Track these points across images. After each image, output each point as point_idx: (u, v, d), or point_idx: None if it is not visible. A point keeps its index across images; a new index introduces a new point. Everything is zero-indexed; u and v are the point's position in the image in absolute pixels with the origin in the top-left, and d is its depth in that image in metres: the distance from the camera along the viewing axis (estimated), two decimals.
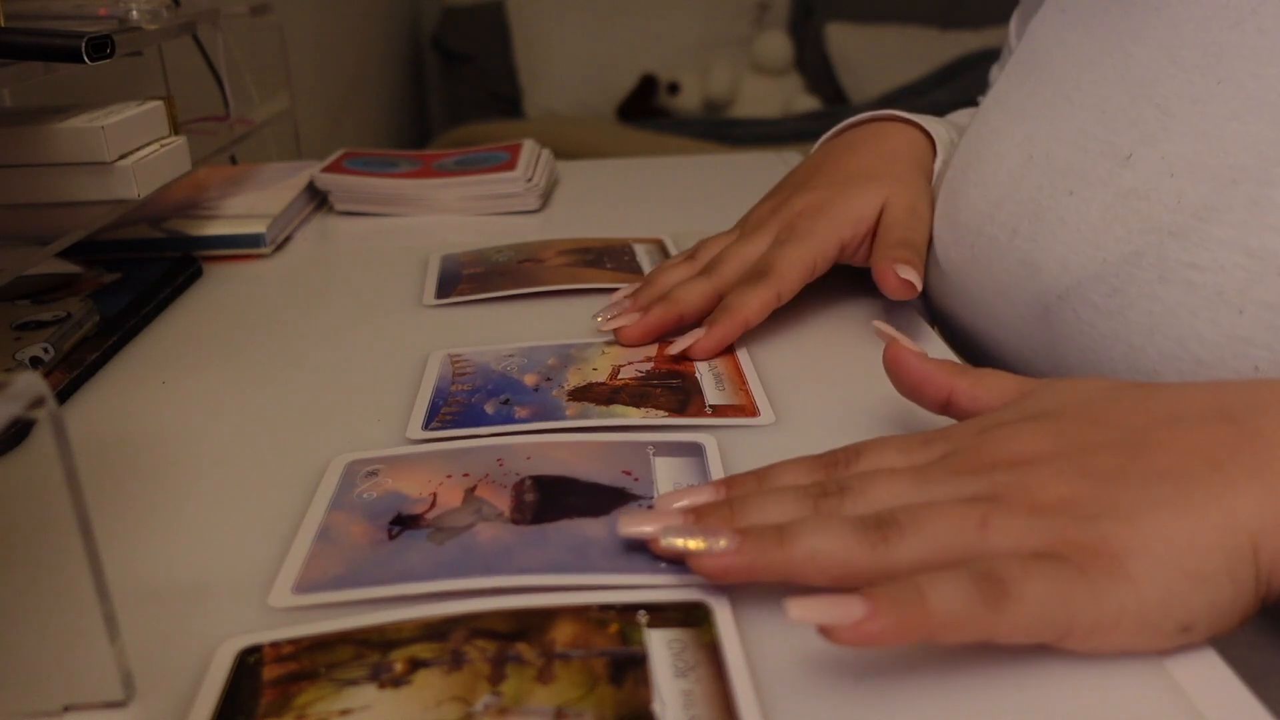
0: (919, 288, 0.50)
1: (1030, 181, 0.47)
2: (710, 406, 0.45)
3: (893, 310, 0.56)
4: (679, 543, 0.31)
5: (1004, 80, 0.54)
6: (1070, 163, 0.45)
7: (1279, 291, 0.37)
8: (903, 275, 0.49)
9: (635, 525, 0.33)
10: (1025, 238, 0.46)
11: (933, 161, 0.59)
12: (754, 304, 0.50)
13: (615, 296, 0.55)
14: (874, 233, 0.54)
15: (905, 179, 0.56)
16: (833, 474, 0.35)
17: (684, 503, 0.35)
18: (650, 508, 0.37)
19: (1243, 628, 0.29)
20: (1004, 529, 0.29)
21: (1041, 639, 0.28)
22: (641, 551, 0.34)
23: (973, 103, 0.73)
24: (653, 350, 0.51)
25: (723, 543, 0.31)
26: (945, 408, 0.38)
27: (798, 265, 0.52)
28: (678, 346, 0.49)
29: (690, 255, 0.57)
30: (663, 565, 0.33)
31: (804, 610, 0.27)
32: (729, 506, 0.33)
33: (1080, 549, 0.29)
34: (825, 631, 0.27)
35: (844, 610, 0.27)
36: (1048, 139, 0.47)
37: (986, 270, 0.49)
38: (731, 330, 0.50)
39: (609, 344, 0.51)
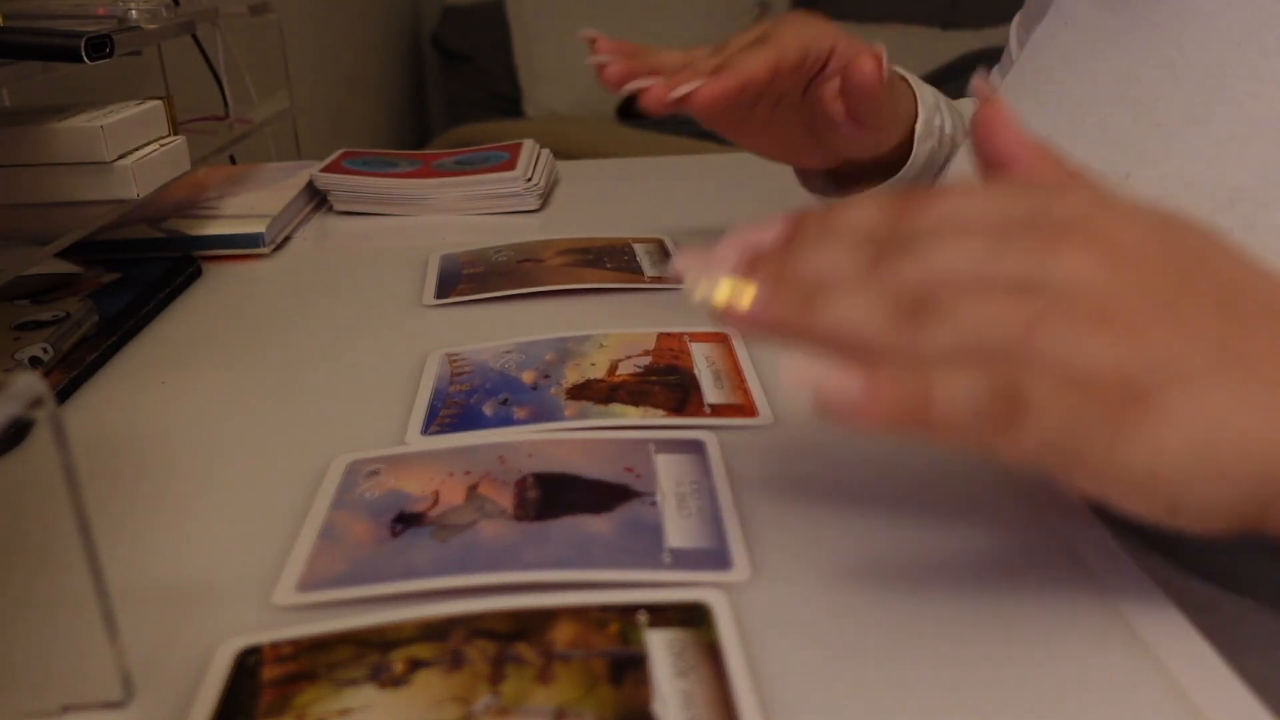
0: (883, 70, 0.50)
1: None
2: (709, 405, 0.45)
3: None
4: (703, 292, 0.29)
5: (1005, 91, 0.54)
6: None
7: None
8: (876, 49, 0.49)
9: (688, 261, 0.31)
10: None
11: (913, 122, 0.59)
12: (754, 61, 0.52)
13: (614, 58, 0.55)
14: (846, 60, 0.55)
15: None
16: (906, 217, 0.30)
17: (748, 236, 0.32)
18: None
19: (1222, 539, 0.28)
20: (1055, 337, 0.26)
21: (1036, 465, 0.27)
22: (645, 548, 0.34)
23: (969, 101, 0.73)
24: (651, 344, 0.51)
25: (750, 294, 0.29)
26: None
27: (795, 39, 0.54)
28: (678, 91, 0.50)
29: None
30: (666, 560, 0.33)
31: (801, 371, 0.26)
32: (784, 256, 0.30)
33: (1124, 389, 0.26)
34: (818, 405, 0.25)
35: (839, 381, 0.25)
36: None
37: None
38: (733, 83, 0.51)
39: (606, 338, 0.51)
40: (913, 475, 0.39)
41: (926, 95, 0.60)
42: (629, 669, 0.29)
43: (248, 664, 0.30)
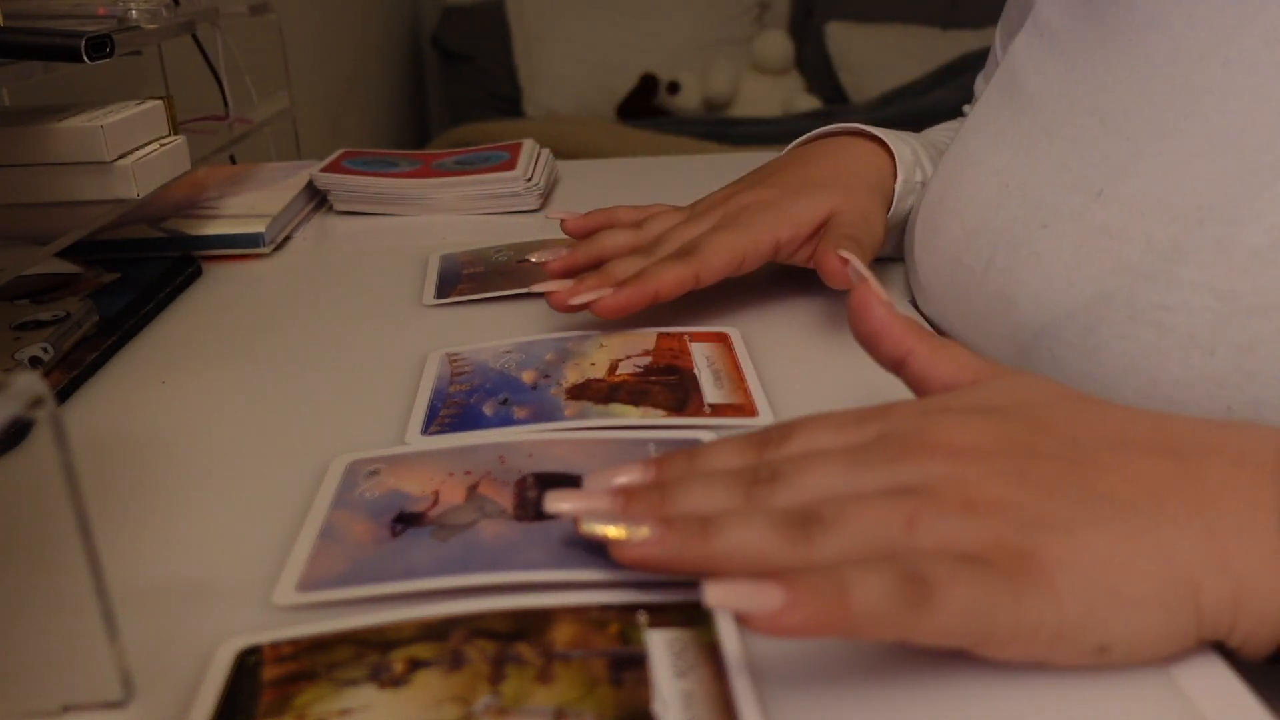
0: (860, 273, 0.49)
1: (1006, 212, 0.47)
2: (709, 405, 0.45)
3: None
4: (599, 529, 0.30)
5: (983, 103, 0.53)
6: (1044, 195, 0.45)
7: (1249, 333, 0.36)
8: (842, 253, 0.48)
9: (560, 503, 0.32)
10: (1000, 270, 0.46)
11: (892, 184, 0.58)
12: (669, 278, 0.50)
13: (554, 251, 0.56)
14: (814, 236, 0.54)
15: (859, 193, 0.56)
16: (765, 455, 0.33)
17: (615, 481, 0.34)
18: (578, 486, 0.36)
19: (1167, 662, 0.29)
20: (932, 528, 0.29)
21: (959, 643, 0.28)
22: None
23: (964, 109, 0.73)
24: (651, 344, 0.51)
25: (644, 532, 0.30)
26: (898, 368, 0.36)
27: (724, 252, 0.52)
28: (580, 299, 0.50)
29: (638, 224, 0.57)
30: None
31: (722, 595, 0.26)
32: (659, 491, 0.32)
33: (1009, 555, 0.28)
34: (742, 620, 0.26)
35: (762, 598, 0.26)
36: (1023, 169, 0.47)
37: (965, 300, 0.49)
38: (638, 297, 0.50)
39: (607, 338, 0.51)
40: None
41: (904, 154, 0.59)
42: (629, 669, 0.29)
43: (248, 664, 0.30)
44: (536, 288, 0.53)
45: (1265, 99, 0.39)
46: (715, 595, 0.26)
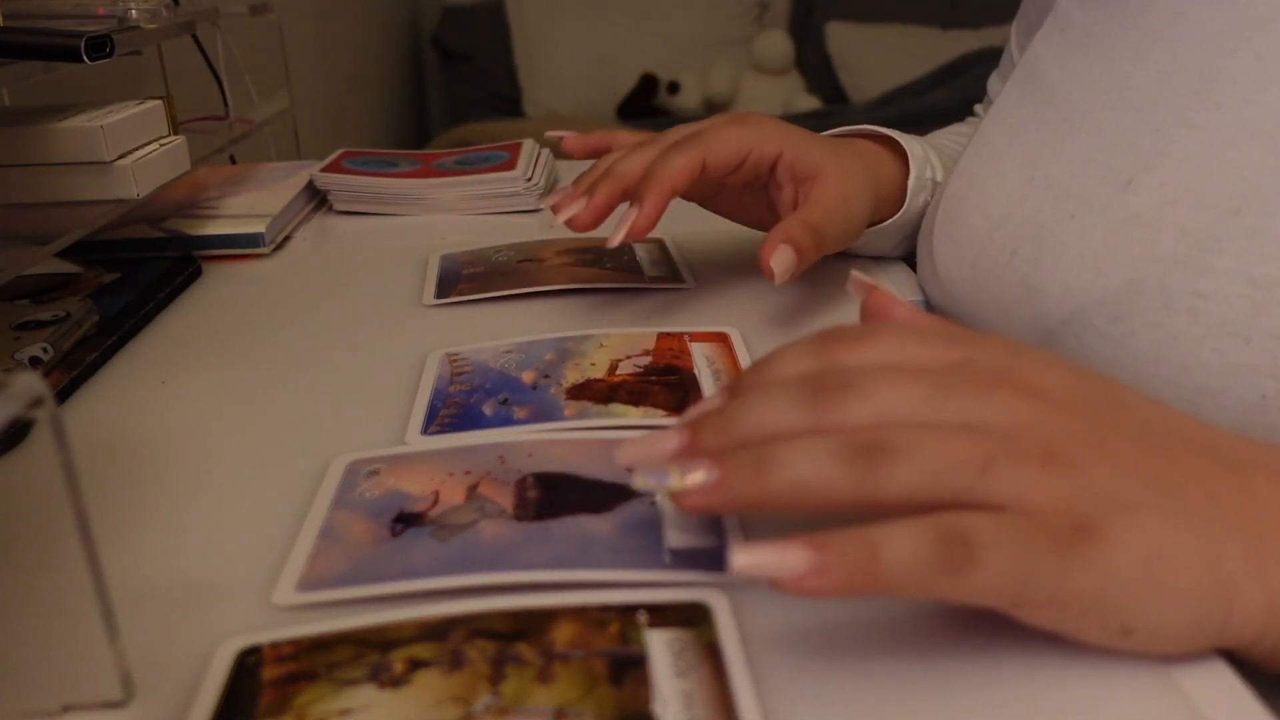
0: (784, 277, 0.49)
1: (1031, 204, 0.47)
2: None
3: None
4: (654, 484, 0.29)
5: (1004, 98, 0.53)
6: (1071, 186, 0.45)
7: None
8: (774, 260, 0.48)
9: (629, 451, 0.31)
10: (1025, 259, 0.46)
11: (890, 183, 0.58)
12: (680, 166, 0.50)
13: (560, 192, 0.55)
14: (803, 180, 0.54)
15: (856, 176, 0.55)
16: (836, 357, 0.31)
17: (687, 416, 0.32)
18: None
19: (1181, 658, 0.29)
20: (1008, 476, 0.27)
21: (992, 604, 0.27)
22: (645, 548, 0.34)
23: (968, 109, 0.73)
24: (651, 344, 0.51)
25: (700, 477, 0.29)
26: None
27: (731, 140, 0.52)
28: (616, 237, 0.50)
29: (645, 144, 0.57)
30: (666, 560, 0.33)
31: (749, 560, 0.26)
32: (723, 417, 0.31)
33: (1072, 521, 0.27)
34: (770, 583, 0.26)
35: (790, 562, 0.26)
36: (1049, 161, 0.47)
37: (987, 290, 0.49)
38: (660, 199, 0.50)
39: (606, 337, 0.51)
40: None
41: (915, 149, 0.59)
42: (629, 669, 0.29)
43: (248, 664, 0.30)
44: (548, 201, 0.52)
45: None
46: (743, 560, 0.26)
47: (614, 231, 0.50)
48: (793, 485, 0.28)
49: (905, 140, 0.59)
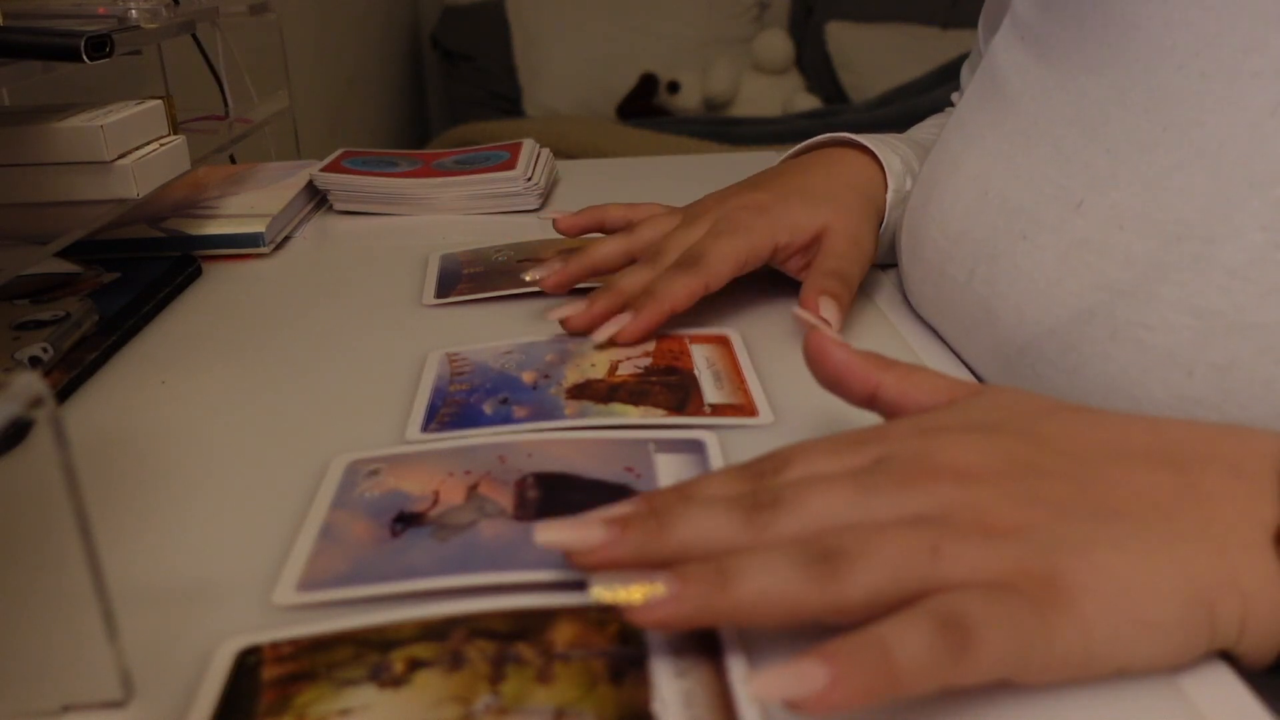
0: (835, 326, 0.50)
1: (985, 221, 0.46)
2: (709, 405, 0.45)
3: (878, 322, 0.56)
4: (609, 594, 0.28)
5: (966, 100, 0.53)
6: (1023, 203, 0.44)
7: (1227, 352, 0.36)
8: (822, 310, 0.49)
9: (551, 533, 0.30)
10: (983, 281, 0.46)
11: (884, 194, 0.58)
12: (681, 292, 0.51)
13: (547, 267, 0.56)
14: (809, 247, 0.55)
15: (853, 209, 0.56)
16: (761, 484, 0.32)
17: (608, 513, 0.31)
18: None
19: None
20: (957, 556, 0.28)
21: (995, 678, 0.27)
22: None
23: (953, 97, 0.72)
24: (651, 345, 0.51)
25: (660, 589, 0.28)
26: (870, 402, 0.36)
27: (729, 258, 0.52)
28: (603, 334, 0.50)
29: (629, 224, 0.58)
30: None
31: (766, 685, 0.25)
32: (654, 518, 0.30)
33: (1034, 581, 0.27)
34: (790, 705, 0.25)
35: (807, 681, 0.25)
36: (1003, 176, 0.46)
37: (950, 310, 0.49)
38: (657, 316, 0.50)
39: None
40: None
41: (894, 165, 0.59)
42: (629, 669, 0.29)
43: (248, 664, 0.30)
44: (551, 316, 0.52)
45: (1242, 111, 0.37)
46: (759, 686, 0.25)
47: (602, 329, 0.50)
48: (760, 595, 0.28)
49: (883, 153, 0.59)
